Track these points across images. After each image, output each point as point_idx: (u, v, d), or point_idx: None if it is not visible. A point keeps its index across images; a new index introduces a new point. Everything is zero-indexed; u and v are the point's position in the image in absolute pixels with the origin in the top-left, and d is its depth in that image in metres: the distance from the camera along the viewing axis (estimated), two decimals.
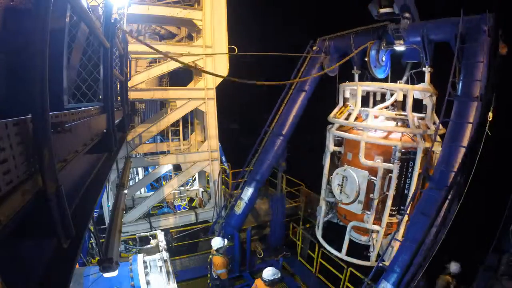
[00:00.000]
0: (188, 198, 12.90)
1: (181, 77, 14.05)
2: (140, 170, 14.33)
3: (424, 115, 6.44)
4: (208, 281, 7.47)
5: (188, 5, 9.84)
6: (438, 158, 5.38)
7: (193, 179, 12.94)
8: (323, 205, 7.67)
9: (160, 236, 6.44)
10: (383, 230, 6.36)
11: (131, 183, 12.55)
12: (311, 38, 8.33)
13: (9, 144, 0.85)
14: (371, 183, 6.39)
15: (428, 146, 5.81)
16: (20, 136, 0.92)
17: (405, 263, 4.97)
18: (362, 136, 6.35)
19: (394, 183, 6.13)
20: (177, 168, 12.76)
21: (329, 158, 7.45)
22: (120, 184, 4.90)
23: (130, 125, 9.44)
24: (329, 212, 7.79)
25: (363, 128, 6.49)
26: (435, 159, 5.75)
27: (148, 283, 4.74)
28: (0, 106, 1.34)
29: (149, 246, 6.38)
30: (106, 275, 2.91)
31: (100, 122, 2.27)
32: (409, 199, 6.00)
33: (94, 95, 2.29)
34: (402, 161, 6.12)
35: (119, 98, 4.37)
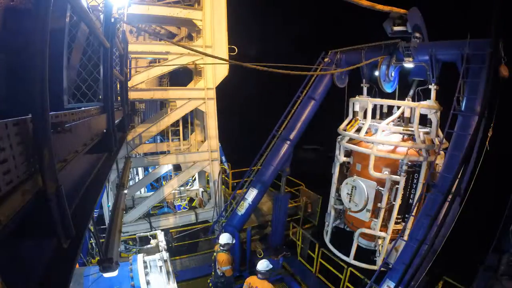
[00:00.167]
0: (188, 198, 12.89)
1: (181, 77, 14.03)
2: (140, 170, 14.33)
3: (429, 129, 6.81)
4: (209, 280, 7.46)
5: (188, 5, 9.85)
6: (442, 166, 5.74)
7: (193, 179, 12.94)
8: (332, 212, 8.11)
9: (160, 236, 6.43)
10: (389, 236, 6.79)
11: (131, 183, 12.56)
12: (312, 38, 8.36)
13: (9, 144, 0.85)
14: (378, 193, 6.84)
15: (432, 160, 6.23)
16: (20, 136, 0.92)
17: (408, 262, 5.09)
18: (372, 150, 6.76)
19: (400, 194, 6.58)
20: (177, 168, 12.76)
21: (338, 168, 7.90)
22: (120, 184, 4.90)
23: (130, 125, 9.43)
24: (336, 219, 8.28)
25: (373, 143, 6.87)
26: (438, 170, 6.12)
27: (148, 283, 4.73)
28: (0, 106, 1.34)
29: (149, 246, 6.37)
30: (106, 275, 2.92)
31: (100, 122, 2.27)
32: (415, 202, 6.44)
33: (94, 95, 2.29)
34: (408, 173, 6.55)
35: (119, 98, 4.37)
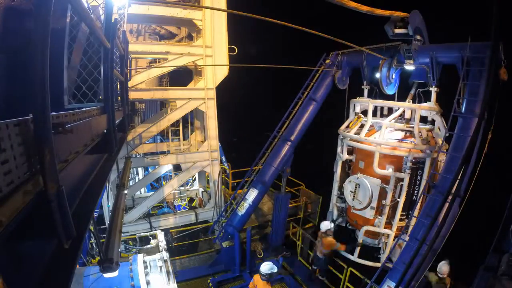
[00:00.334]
0: (188, 198, 12.89)
1: (181, 77, 14.02)
2: (140, 170, 14.33)
3: (431, 126, 6.89)
4: (209, 280, 7.44)
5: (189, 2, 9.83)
6: (442, 167, 5.84)
7: (193, 179, 12.94)
8: (334, 210, 8.13)
9: (160, 236, 6.43)
10: (394, 233, 6.84)
11: (131, 183, 12.55)
12: (312, 39, 8.37)
13: (10, 145, 0.85)
14: (383, 190, 6.90)
15: (435, 156, 6.34)
16: (21, 137, 0.92)
17: (408, 261, 5.10)
18: (377, 147, 6.81)
19: (405, 190, 6.65)
20: (177, 168, 12.75)
21: (340, 166, 7.92)
22: (120, 184, 4.90)
23: (130, 125, 9.43)
24: (338, 217, 8.32)
25: (377, 141, 6.91)
26: (440, 168, 6.26)
27: (148, 283, 4.73)
28: (1, 106, 1.34)
29: (149, 246, 6.37)
30: (106, 275, 2.92)
31: (101, 122, 2.27)
32: (418, 197, 6.52)
33: (95, 96, 2.29)
34: (412, 170, 6.63)
35: (119, 98, 4.36)
